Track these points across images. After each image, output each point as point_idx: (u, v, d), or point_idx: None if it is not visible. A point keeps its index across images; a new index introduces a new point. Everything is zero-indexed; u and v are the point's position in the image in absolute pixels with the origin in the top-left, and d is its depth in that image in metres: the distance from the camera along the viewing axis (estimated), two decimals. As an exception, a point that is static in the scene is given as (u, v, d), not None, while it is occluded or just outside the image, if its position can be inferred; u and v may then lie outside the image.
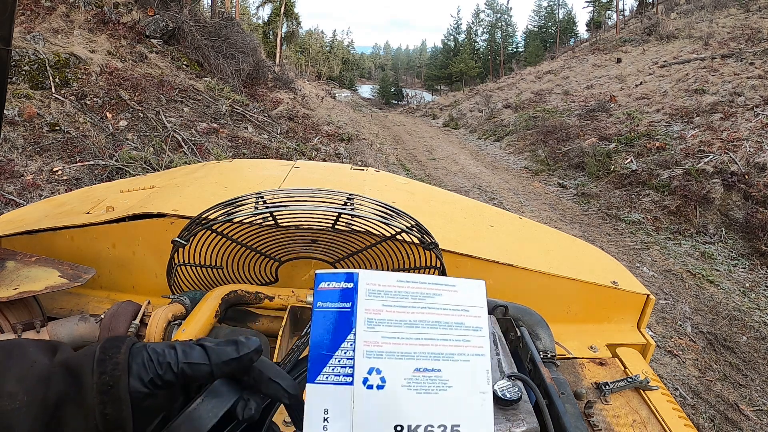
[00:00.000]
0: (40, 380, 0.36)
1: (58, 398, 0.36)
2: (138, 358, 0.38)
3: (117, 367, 0.37)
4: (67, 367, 0.37)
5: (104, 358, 0.37)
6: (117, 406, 0.36)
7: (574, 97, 12.51)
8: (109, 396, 0.36)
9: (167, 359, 0.39)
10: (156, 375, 0.38)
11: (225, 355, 0.40)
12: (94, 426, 0.35)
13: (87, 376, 0.36)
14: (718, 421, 2.79)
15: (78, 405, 0.36)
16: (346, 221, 1.01)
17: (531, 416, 0.70)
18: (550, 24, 44.17)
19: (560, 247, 1.52)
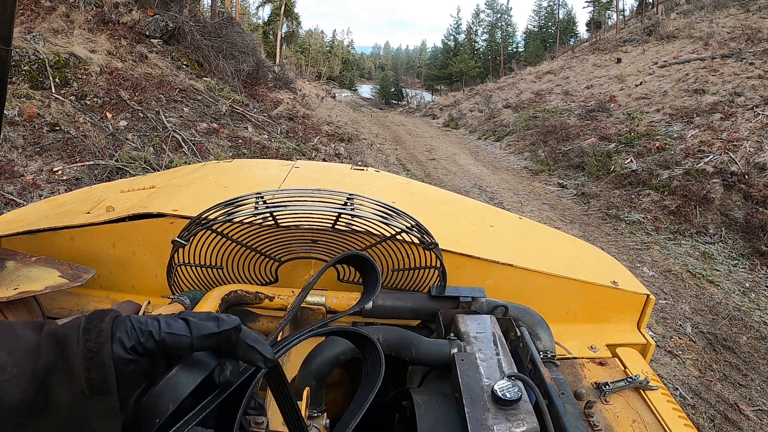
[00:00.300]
0: (28, 353, 0.38)
1: (46, 367, 0.37)
2: (121, 326, 0.40)
3: (101, 334, 0.38)
4: (54, 337, 0.39)
5: (89, 327, 0.39)
6: (101, 371, 0.37)
7: (574, 97, 12.51)
8: (93, 362, 0.37)
9: (149, 328, 0.40)
10: (138, 342, 0.40)
11: (205, 329, 0.42)
12: (80, 391, 0.37)
13: (72, 345, 0.38)
14: (718, 421, 2.79)
15: (65, 372, 0.37)
16: (346, 221, 1.01)
17: (531, 416, 0.70)
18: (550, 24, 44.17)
19: (560, 247, 1.52)
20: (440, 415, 0.75)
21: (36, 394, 0.37)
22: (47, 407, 0.37)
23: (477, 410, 0.70)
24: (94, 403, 0.38)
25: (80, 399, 0.37)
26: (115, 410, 0.38)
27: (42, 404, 0.37)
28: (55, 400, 0.37)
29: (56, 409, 0.37)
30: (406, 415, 0.79)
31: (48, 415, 0.37)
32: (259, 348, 0.45)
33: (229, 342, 0.43)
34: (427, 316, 1.00)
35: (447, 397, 0.78)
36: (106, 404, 0.38)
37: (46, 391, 0.37)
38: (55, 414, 0.37)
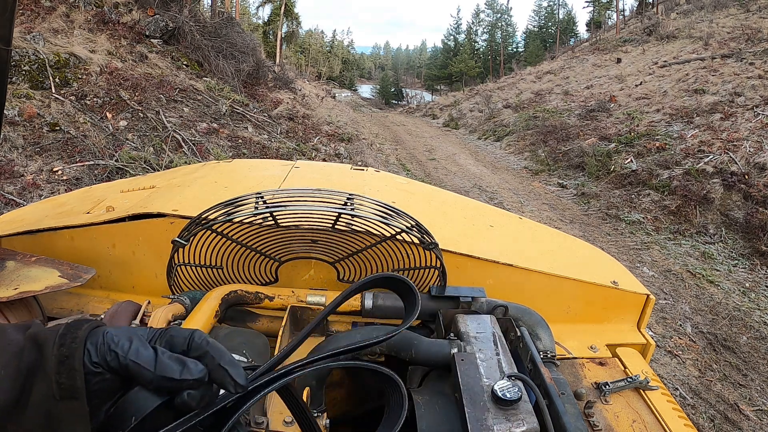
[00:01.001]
0: (14, 355, 0.40)
1: (28, 368, 0.39)
2: (93, 338, 0.41)
3: (75, 340, 0.40)
4: (35, 340, 0.40)
5: (66, 333, 0.40)
6: (71, 375, 0.38)
7: (574, 97, 12.51)
8: (64, 366, 0.39)
9: (116, 349, 0.41)
10: (102, 359, 0.40)
11: (168, 371, 0.41)
12: (51, 395, 0.38)
13: (49, 348, 0.39)
14: (718, 421, 2.79)
15: (42, 375, 0.39)
16: (346, 221, 1.01)
17: (531, 416, 0.70)
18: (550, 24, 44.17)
19: (560, 247, 1.52)
20: (440, 415, 0.75)
21: (19, 395, 0.38)
22: (26, 407, 0.39)
23: (477, 410, 0.70)
24: (64, 406, 0.39)
25: (52, 401, 0.39)
26: (85, 416, 0.39)
27: (22, 404, 0.39)
28: (32, 400, 0.39)
29: (32, 409, 0.39)
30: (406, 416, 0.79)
31: (25, 415, 0.39)
32: (231, 371, 0.44)
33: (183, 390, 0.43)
34: (427, 316, 1.00)
35: (447, 397, 0.78)
36: (75, 409, 0.39)
37: (27, 390, 0.39)
38: (31, 414, 0.39)
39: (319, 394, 0.86)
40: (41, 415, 0.39)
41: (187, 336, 0.45)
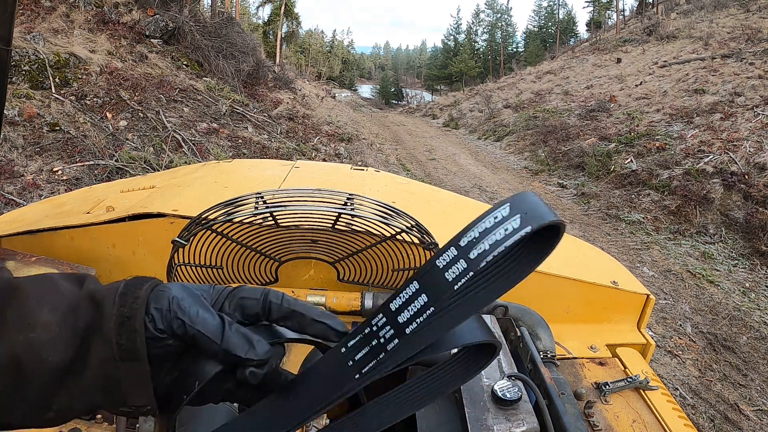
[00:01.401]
0: (70, 310, 0.38)
1: (86, 327, 0.38)
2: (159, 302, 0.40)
3: (136, 301, 0.38)
4: (92, 298, 0.39)
5: (126, 292, 0.39)
6: (131, 337, 0.37)
7: (574, 97, 12.51)
8: (125, 327, 0.38)
9: (184, 317, 0.39)
10: (168, 326, 0.39)
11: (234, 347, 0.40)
12: (111, 356, 0.38)
13: (108, 307, 0.38)
14: (718, 421, 2.79)
15: (100, 335, 0.38)
16: (346, 221, 1.01)
17: (531, 416, 0.70)
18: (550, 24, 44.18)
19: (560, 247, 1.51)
20: (440, 415, 0.75)
21: (76, 354, 0.37)
22: (84, 367, 0.38)
23: (477, 410, 0.70)
24: (124, 367, 0.38)
25: (112, 362, 0.38)
26: (146, 377, 0.38)
27: (80, 364, 0.38)
28: (91, 360, 0.38)
29: (91, 370, 0.38)
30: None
31: (84, 375, 0.38)
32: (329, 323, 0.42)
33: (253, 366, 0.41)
34: (427, 316, 1.00)
35: (447, 397, 0.78)
36: (136, 370, 0.38)
37: (85, 351, 0.38)
38: (90, 375, 0.38)
39: (319, 394, 0.85)
40: (101, 376, 0.38)
41: (260, 298, 0.43)
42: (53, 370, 0.37)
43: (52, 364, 0.37)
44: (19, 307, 0.37)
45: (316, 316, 0.42)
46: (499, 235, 0.31)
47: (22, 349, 0.36)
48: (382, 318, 0.35)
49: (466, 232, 0.32)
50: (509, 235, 0.31)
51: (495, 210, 0.32)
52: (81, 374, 0.38)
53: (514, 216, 0.31)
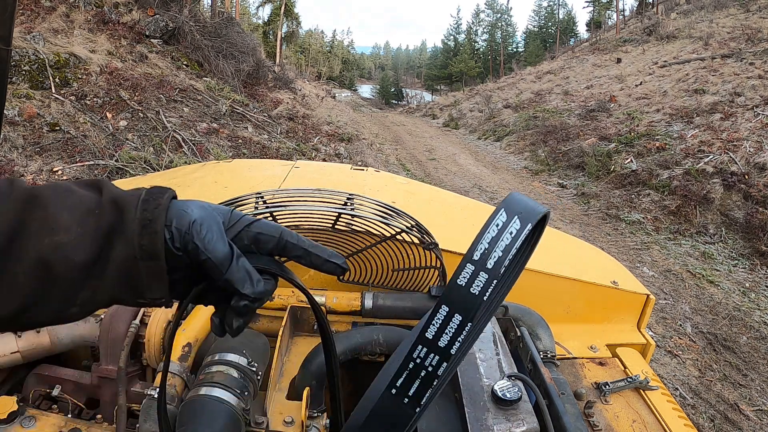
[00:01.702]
0: (89, 212, 0.41)
1: (109, 228, 0.41)
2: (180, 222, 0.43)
3: (158, 208, 0.42)
4: (115, 203, 0.42)
5: (148, 199, 0.43)
6: (152, 238, 0.41)
7: (574, 97, 12.51)
8: (147, 230, 0.41)
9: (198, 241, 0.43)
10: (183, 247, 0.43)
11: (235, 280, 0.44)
12: (133, 255, 0.41)
13: (131, 212, 0.42)
14: (718, 421, 2.79)
15: (122, 236, 0.41)
16: (346, 221, 1.01)
17: (531, 416, 0.70)
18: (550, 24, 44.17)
19: (560, 247, 1.52)
20: (440, 415, 0.75)
21: (99, 253, 0.41)
22: (106, 266, 0.41)
23: (477, 410, 0.70)
24: (144, 265, 0.41)
25: (134, 260, 0.41)
26: (163, 273, 0.42)
27: (103, 263, 0.41)
28: (114, 259, 0.41)
29: (113, 268, 0.41)
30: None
31: (107, 273, 0.41)
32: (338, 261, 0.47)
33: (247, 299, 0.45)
34: (427, 316, 1.00)
35: (447, 397, 0.78)
36: (155, 268, 0.42)
37: (107, 250, 0.41)
38: (112, 272, 0.41)
39: (319, 394, 0.86)
40: (122, 274, 0.41)
41: (277, 236, 0.46)
42: (78, 269, 0.40)
43: (77, 263, 0.40)
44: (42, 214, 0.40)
45: (328, 257, 0.47)
46: (507, 239, 0.34)
47: (48, 252, 0.39)
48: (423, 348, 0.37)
49: (476, 246, 0.34)
50: (516, 237, 0.34)
51: (494, 218, 0.35)
52: (104, 272, 0.41)
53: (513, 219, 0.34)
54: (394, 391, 0.38)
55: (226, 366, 0.77)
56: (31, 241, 0.39)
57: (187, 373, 0.80)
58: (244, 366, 0.78)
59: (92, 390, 0.94)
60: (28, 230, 0.39)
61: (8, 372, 0.96)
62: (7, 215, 0.39)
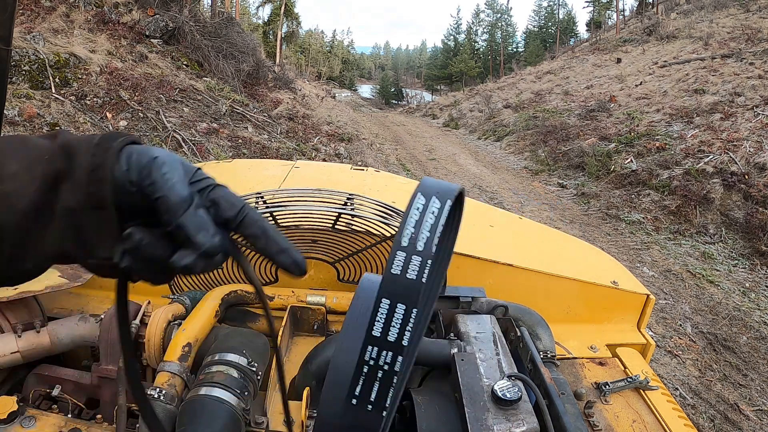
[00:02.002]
0: (39, 159, 0.39)
1: (56, 174, 0.38)
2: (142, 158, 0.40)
3: (108, 151, 0.39)
4: (65, 148, 0.40)
5: (100, 143, 0.40)
6: (100, 186, 0.38)
7: (574, 97, 12.51)
8: (95, 176, 0.38)
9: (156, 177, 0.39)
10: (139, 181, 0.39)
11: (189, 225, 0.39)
12: (80, 202, 0.38)
13: (81, 156, 0.39)
14: (718, 421, 2.79)
15: (71, 181, 0.39)
16: (346, 221, 1.01)
17: (531, 416, 0.70)
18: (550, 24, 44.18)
19: (560, 247, 1.52)
20: (440, 415, 0.75)
21: (44, 199, 0.38)
22: (53, 214, 0.38)
23: (477, 410, 0.70)
24: (92, 215, 0.38)
25: (81, 209, 0.38)
26: (112, 225, 0.39)
27: (49, 210, 0.38)
28: (59, 208, 0.38)
29: (59, 218, 0.38)
30: (406, 415, 0.79)
31: (52, 224, 0.39)
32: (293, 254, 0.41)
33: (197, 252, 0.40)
34: (427, 316, 1.00)
35: (447, 397, 0.78)
36: (103, 218, 0.38)
37: (53, 197, 0.38)
38: (58, 223, 0.39)
39: (319, 395, 0.86)
40: (68, 224, 0.39)
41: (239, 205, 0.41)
42: (22, 217, 0.37)
43: (20, 210, 0.37)
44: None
45: (287, 248, 0.41)
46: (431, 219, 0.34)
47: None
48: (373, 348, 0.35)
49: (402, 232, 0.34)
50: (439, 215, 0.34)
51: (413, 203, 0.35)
52: (50, 221, 0.38)
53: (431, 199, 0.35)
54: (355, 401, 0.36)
55: (226, 366, 0.77)
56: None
57: (187, 373, 0.80)
58: (244, 366, 0.78)
59: (92, 390, 0.94)
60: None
61: (8, 372, 0.96)
62: None
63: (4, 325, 0.94)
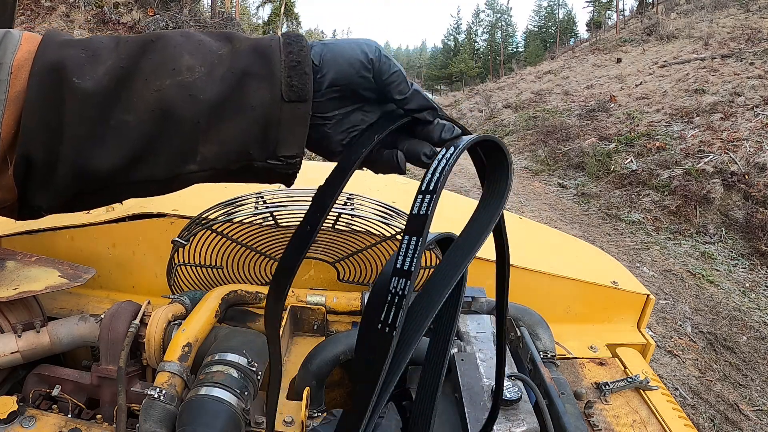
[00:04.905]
0: (214, 53, 0.40)
1: (243, 70, 0.40)
2: (373, 51, 0.43)
3: (303, 49, 0.41)
4: (254, 48, 0.41)
5: (290, 42, 0.42)
6: (302, 79, 0.40)
7: (574, 97, 12.51)
8: (295, 71, 0.40)
9: (390, 63, 0.42)
10: (377, 72, 0.42)
11: (419, 97, 0.44)
12: (279, 97, 0.40)
13: (276, 55, 0.41)
14: (718, 421, 2.79)
15: (264, 79, 0.40)
16: (346, 221, 1.01)
17: (531, 416, 0.70)
18: (550, 24, 44.20)
19: (560, 247, 1.52)
20: (440, 415, 0.75)
21: (231, 94, 0.39)
22: (240, 108, 0.39)
23: (477, 410, 0.70)
24: (289, 107, 0.40)
25: (277, 103, 0.40)
26: (306, 117, 0.41)
27: (236, 104, 0.39)
28: (250, 102, 0.40)
29: (251, 109, 0.40)
30: (406, 416, 0.79)
31: (241, 114, 0.40)
32: None
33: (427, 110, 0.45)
34: (427, 316, 1.00)
35: (447, 397, 0.78)
36: (299, 110, 0.41)
37: (241, 92, 0.39)
38: (248, 113, 0.40)
39: (319, 394, 0.86)
40: (258, 118, 0.40)
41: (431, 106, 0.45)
42: (205, 109, 0.38)
43: (203, 101, 0.38)
44: (158, 57, 0.38)
45: None
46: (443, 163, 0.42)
47: (168, 93, 0.37)
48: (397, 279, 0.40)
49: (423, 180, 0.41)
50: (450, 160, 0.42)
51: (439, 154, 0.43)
52: (236, 113, 0.39)
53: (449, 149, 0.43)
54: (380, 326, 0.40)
55: (226, 366, 0.77)
56: (147, 84, 0.37)
57: (187, 373, 0.80)
58: (244, 366, 0.78)
59: (92, 390, 0.94)
60: (141, 73, 0.37)
61: (8, 372, 0.96)
62: (115, 62, 0.37)
63: (4, 325, 0.94)
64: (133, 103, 0.37)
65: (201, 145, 0.39)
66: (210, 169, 0.41)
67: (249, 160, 0.41)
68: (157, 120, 0.37)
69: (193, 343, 0.84)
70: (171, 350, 0.81)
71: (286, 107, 0.40)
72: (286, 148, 0.41)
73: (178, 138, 0.38)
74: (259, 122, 0.40)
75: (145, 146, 0.37)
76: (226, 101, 0.39)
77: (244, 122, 0.40)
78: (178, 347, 0.82)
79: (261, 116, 0.40)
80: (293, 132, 0.41)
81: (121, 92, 0.36)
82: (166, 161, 0.39)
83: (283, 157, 0.42)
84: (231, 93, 0.39)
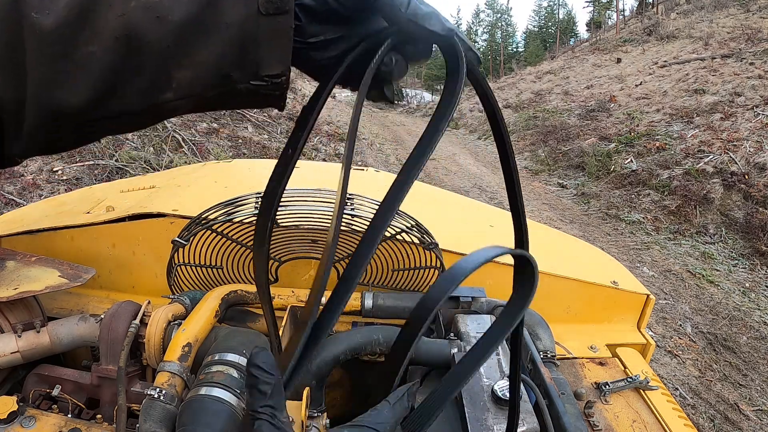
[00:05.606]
0: None
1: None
2: None
3: None
4: None
5: None
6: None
7: (574, 97, 12.50)
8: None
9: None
10: None
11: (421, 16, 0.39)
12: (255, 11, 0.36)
13: None
14: (718, 421, 2.79)
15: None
16: (346, 221, 1.01)
17: (531, 416, 0.70)
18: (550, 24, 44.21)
19: (560, 247, 1.52)
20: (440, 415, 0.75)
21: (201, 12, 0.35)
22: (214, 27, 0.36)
23: (477, 410, 0.70)
24: (268, 21, 0.36)
25: (253, 18, 0.36)
26: (288, 34, 0.37)
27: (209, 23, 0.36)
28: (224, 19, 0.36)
29: (225, 28, 0.36)
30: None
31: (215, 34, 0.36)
32: None
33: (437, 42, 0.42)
34: (427, 316, 1.00)
35: (447, 397, 0.78)
36: (280, 24, 0.37)
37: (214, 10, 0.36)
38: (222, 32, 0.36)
39: (318, 395, 0.86)
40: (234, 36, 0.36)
41: None
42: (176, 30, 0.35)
43: (173, 22, 0.34)
44: None
45: None
46: None
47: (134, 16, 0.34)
48: None
49: None
50: None
51: None
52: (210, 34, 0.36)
53: None
54: None
55: (226, 366, 0.77)
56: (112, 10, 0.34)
57: (187, 373, 0.80)
58: (244, 366, 0.78)
59: (92, 390, 0.94)
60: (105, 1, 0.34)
61: (8, 372, 0.96)
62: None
63: (4, 325, 0.94)
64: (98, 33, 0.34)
65: (174, 70, 0.36)
66: (188, 96, 0.37)
67: (230, 82, 0.38)
68: (123, 47, 0.34)
69: (193, 343, 0.84)
70: (171, 350, 0.81)
71: (264, 21, 0.36)
72: (270, 67, 0.38)
73: (148, 65, 0.35)
74: (235, 41, 0.36)
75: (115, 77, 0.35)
76: (197, 21, 0.35)
77: (219, 42, 0.36)
78: (178, 347, 0.82)
79: (237, 34, 0.36)
80: (275, 48, 0.37)
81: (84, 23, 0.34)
82: (138, 91, 0.36)
83: (267, 77, 0.38)
84: (202, 11, 0.35)
